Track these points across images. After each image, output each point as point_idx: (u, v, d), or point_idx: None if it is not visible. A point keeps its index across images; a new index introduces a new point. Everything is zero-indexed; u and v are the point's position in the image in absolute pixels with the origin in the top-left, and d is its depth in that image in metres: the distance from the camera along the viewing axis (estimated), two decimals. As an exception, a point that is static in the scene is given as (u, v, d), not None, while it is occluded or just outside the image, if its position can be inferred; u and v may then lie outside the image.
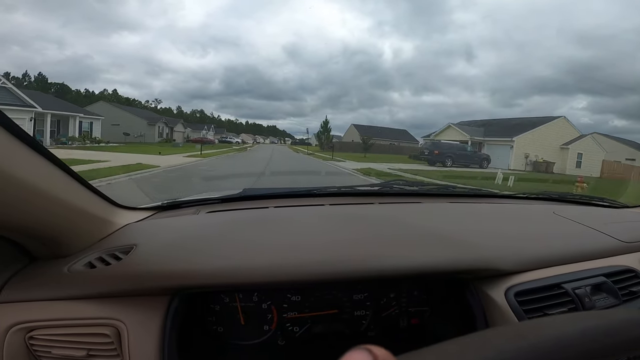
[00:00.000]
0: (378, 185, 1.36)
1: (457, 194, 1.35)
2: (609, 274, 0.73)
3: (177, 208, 0.98)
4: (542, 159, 20.74)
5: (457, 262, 0.66)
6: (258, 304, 0.73)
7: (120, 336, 0.55)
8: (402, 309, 0.79)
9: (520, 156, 21.23)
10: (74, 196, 0.59)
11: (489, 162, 19.26)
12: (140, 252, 0.64)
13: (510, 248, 0.74)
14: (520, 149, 21.34)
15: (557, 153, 22.20)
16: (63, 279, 0.59)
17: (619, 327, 0.26)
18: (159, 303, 0.58)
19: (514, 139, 21.55)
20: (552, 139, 22.21)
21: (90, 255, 0.63)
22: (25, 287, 0.58)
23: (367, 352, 0.19)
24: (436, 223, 0.85)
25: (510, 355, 0.22)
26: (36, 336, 0.55)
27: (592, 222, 0.94)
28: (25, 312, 0.56)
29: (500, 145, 22.29)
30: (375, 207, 1.04)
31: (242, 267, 0.60)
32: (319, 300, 0.74)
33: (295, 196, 1.12)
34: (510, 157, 21.24)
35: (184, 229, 0.78)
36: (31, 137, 0.46)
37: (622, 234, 0.88)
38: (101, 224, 0.70)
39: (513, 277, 0.68)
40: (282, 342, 0.73)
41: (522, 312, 0.63)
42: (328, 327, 0.74)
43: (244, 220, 0.84)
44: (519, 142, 21.52)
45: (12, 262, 0.60)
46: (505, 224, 0.93)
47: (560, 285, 0.68)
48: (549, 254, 0.74)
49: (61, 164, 0.54)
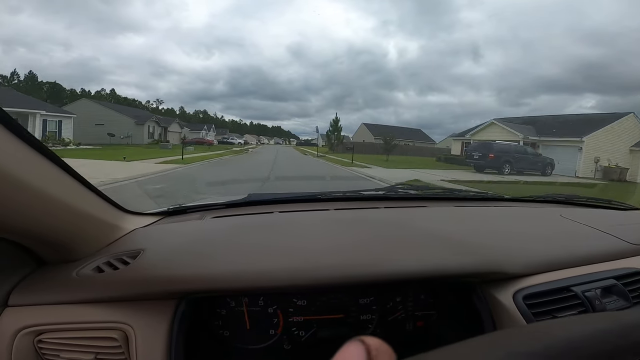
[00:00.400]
0: (383, 189, 1.39)
1: (462, 198, 1.37)
2: (619, 276, 0.75)
3: (183, 213, 1.05)
4: (616, 164, 16.78)
5: (465, 265, 0.70)
6: (264, 308, 0.77)
7: (128, 340, 0.59)
8: (408, 312, 0.83)
9: (589, 160, 16.97)
10: (83, 201, 0.64)
11: (553, 168, 16.69)
12: (148, 257, 0.69)
13: (518, 251, 0.78)
14: (591, 151, 18.79)
15: (627, 157, 19.39)
16: (71, 283, 0.63)
17: (631, 329, 0.26)
18: (166, 307, 0.62)
19: (584, 139, 18.82)
20: (621, 140, 19.49)
21: (99, 260, 0.69)
22: (34, 291, 0.63)
23: (360, 344, 0.20)
24: (443, 227, 0.89)
25: (522, 356, 0.22)
26: (45, 340, 0.59)
27: (600, 224, 0.97)
28: (34, 315, 0.60)
29: (563, 146, 19.65)
30: (381, 211, 1.10)
31: (249, 272, 0.65)
32: (324, 305, 0.78)
33: (300, 201, 1.16)
34: (578, 161, 17.79)
35: (190, 234, 0.84)
36: (40, 143, 0.51)
37: (631, 236, 0.90)
38: (109, 229, 0.77)
39: (521, 280, 0.72)
40: (288, 347, 0.77)
41: (531, 316, 0.66)
42: (334, 332, 0.77)
43: (250, 225, 0.91)
44: (590, 143, 18.88)
45: (21, 266, 0.65)
46: (513, 226, 0.97)
47: (570, 288, 0.71)
48: (558, 257, 0.78)
49: (69, 169, 0.59)
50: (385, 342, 0.21)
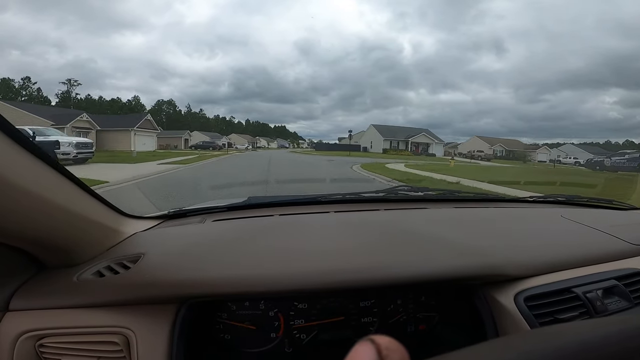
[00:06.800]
0: (383, 191, 1.37)
1: (462, 199, 1.37)
2: (620, 277, 0.76)
3: (184, 217, 1.05)
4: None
5: (466, 268, 0.70)
6: (265, 311, 0.78)
7: (129, 344, 0.60)
8: (409, 315, 0.83)
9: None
10: (83, 206, 0.65)
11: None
12: (148, 261, 0.69)
13: (518, 253, 0.79)
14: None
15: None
16: (72, 288, 0.64)
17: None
18: (167, 311, 0.63)
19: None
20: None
21: (99, 264, 0.69)
22: (35, 295, 0.63)
23: (370, 343, 0.20)
24: (443, 229, 0.90)
25: (535, 358, 0.23)
26: (46, 344, 0.60)
27: (600, 224, 0.98)
28: (35, 320, 0.61)
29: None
30: (381, 213, 1.10)
31: (250, 276, 0.65)
32: (326, 308, 0.79)
33: (300, 204, 1.17)
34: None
35: (191, 238, 0.84)
36: (40, 149, 0.52)
37: (632, 236, 0.91)
38: (109, 233, 0.77)
39: (522, 282, 0.72)
40: (289, 350, 0.78)
41: (533, 317, 0.66)
42: (335, 334, 0.78)
43: (250, 228, 0.91)
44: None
45: (22, 271, 0.66)
46: (513, 228, 0.97)
47: (571, 290, 0.71)
48: (558, 258, 0.79)
49: (69, 174, 0.60)
50: (396, 340, 0.21)
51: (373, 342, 0.20)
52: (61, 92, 69.34)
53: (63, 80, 71.39)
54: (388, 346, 0.20)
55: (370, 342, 0.20)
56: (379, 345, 0.20)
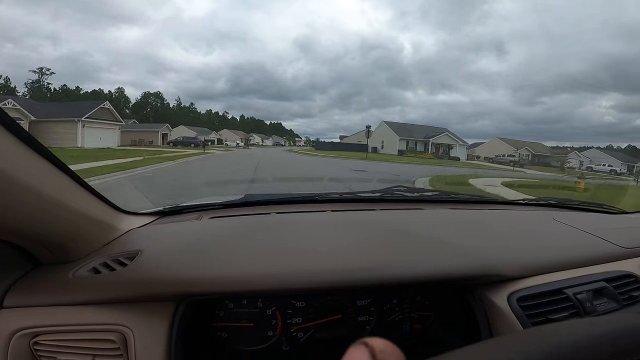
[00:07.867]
0: (379, 191, 1.38)
1: (458, 200, 1.39)
2: (610, 279, 0.78)
3: (180, 213, 1.04)
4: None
5: (461, 269, 0.72)
6: (262, 309, 0.78)
7: (126, 342, 0.59)
8: (405, 314, 0.85)
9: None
10: (79, 201, 0.64)
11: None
12: (146, 258, 0.69)
13: (512, 254, 0.80)
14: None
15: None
16: (68, 285, 0.63)
17: (634, 330, 0.28)
18: (165, 309, 0.62)
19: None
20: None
21: (95, 261, 0.68)
22: (30, 292, 0.62)
23: (364, 347, 0.20)
24: (438, 230, 0.91)
25: (531, 357, 0.24)
26: (41, 342, 0.59)
27: (591, 228, 1.00)
28: (30, 317, 0.60)
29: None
30: (378, 213, 1.11)
31: (248, 275, 0.65)
32: (323, 306, 0.79)
33: (297, 202, 1.17)
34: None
35: (188, 235, 0.84)
36: (37, 142, 0.50)
37: (621, 239, 0.93)
38: (105, 229, 0.76)
39: (515, 282, 0.74)
40: (286, 348, 0.78)
41: (525, 317, 0.67)
42: (332, 333, 0.79)
43: (248, 226, 0.91)
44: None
45: (17, 267, 0.65)
46: (507, 230, 0.99)
47: (562, 291, 0.73)
48: (550, 260, 0.80)
49: (65, 167, 0.58)
50: (391, 343, 0.20)
51: (367, 345, 0.20)
52: (31, 82, 61.79)
53: (34, 69, 63.50)
54: (382, 349, 0.20)
55: (364, 346, 0.20)
56: (373, 349, 0.20)
